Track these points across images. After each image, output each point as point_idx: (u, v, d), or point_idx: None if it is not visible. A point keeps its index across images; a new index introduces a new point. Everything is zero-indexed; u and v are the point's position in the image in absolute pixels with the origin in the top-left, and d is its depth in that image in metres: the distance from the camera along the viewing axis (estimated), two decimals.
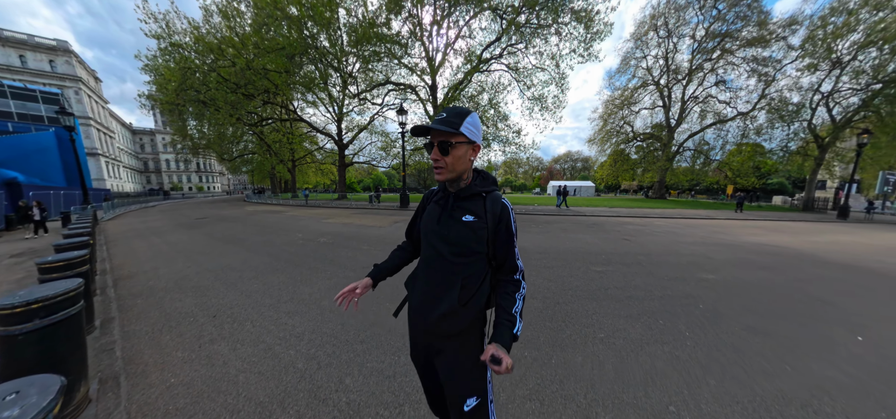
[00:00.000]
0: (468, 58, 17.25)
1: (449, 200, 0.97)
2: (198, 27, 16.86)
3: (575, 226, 9.58)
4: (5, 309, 1.41)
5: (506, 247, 0.95)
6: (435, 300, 0.94)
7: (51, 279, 2.39)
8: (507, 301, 0.94)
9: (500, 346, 0.84)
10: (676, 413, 1.69)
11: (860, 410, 1.74)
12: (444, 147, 0.88)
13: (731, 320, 2.91)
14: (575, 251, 5.88)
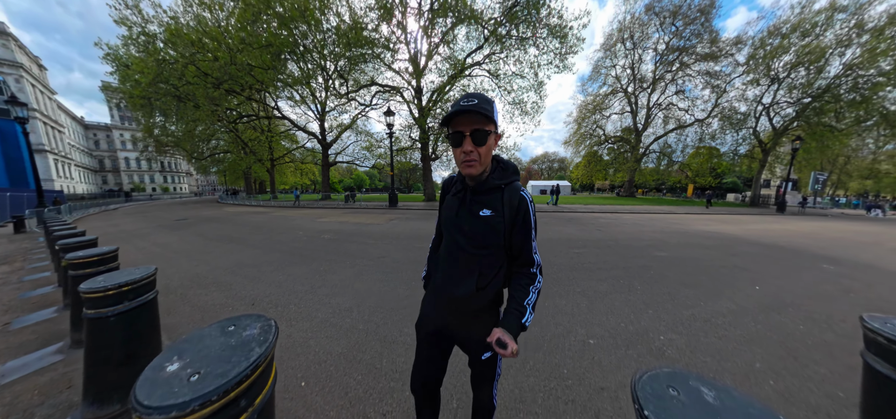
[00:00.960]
0: (452, 64, 17.95)
1: (467, 194, 0.96)
2: (176, 16, 16.24)
3: (555, 221, 10.51)
4: (97, 291, 1.46)
5: (523, 240, 0.95)
6: (454, 284, 0.98)
7: (86, 275, 2.30)
8: (520, 292, 0.96)
9: (506, 332, 0.88)
10: (626, 327, 2.56)
11: (741, 321, 2.74)
12: (481, 137, 0.83)
13: (671, 280, 3.87)
14: (558, 239, 6.77)
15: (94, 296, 1.46)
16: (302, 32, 15.67)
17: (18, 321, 3.03)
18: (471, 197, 0.95)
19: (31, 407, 1.71)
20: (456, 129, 0.85)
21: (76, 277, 2.30)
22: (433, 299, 1.08)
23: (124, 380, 1.55)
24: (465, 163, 0.87)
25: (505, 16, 16.20)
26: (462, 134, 0.84)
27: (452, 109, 0.82)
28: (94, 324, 1.48)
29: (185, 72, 15.13)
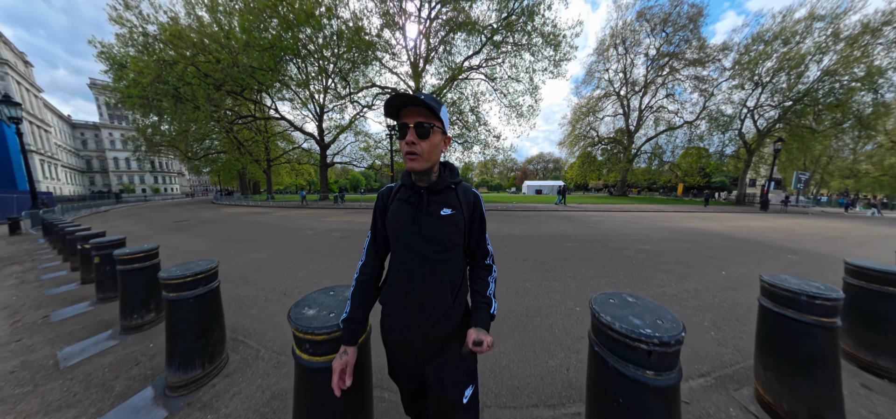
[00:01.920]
0: (448, 67, 18.40)
1: (423, 197, 0.90)
2: (176, 17, 16.26)
3: (550, 219, 10.94)
4: (177, 278, 1.74)
5: (480, 235, 0.96)
6: (424, 307, 0.89)
7: (134, 270, 2.59)
8: (482, 285, 0.95)
9: (480, 329, 0.87)
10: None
11: (702, 296, 3.31)
12: (424, 131, 0.82)
13: (649, 267, 4.40)
14: (552, 235, 7.24)
15: (174, 282, 1.75)
16: (307, 36, 15.86)
17: (56, 314, 3.26)
18: (428, 197, 0.89)
19: (108, 381, 2.01)
20: (401, 121, 0.84)
21: (125, 271, 2.59)
22: (401, 341, 0.95)
23: (203, 349, 1.88)
24: (408, 154, 0.83)
25: (501, 24, 16.75)
26: (406, 125, 0.82)
27: (395, 96, 0.80)
28: (176, 304, 1.78)
29: (185, 73, 15.19)
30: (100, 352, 2.37)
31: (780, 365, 1.49)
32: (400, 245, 0.91)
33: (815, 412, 1.38)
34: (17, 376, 2.12)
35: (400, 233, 0.91)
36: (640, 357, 0.94)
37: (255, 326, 2.76)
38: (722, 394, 1.72)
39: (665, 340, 0.90)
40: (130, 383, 1.95)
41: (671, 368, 0.94)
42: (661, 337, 0.90)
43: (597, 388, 1.10)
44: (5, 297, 4.09)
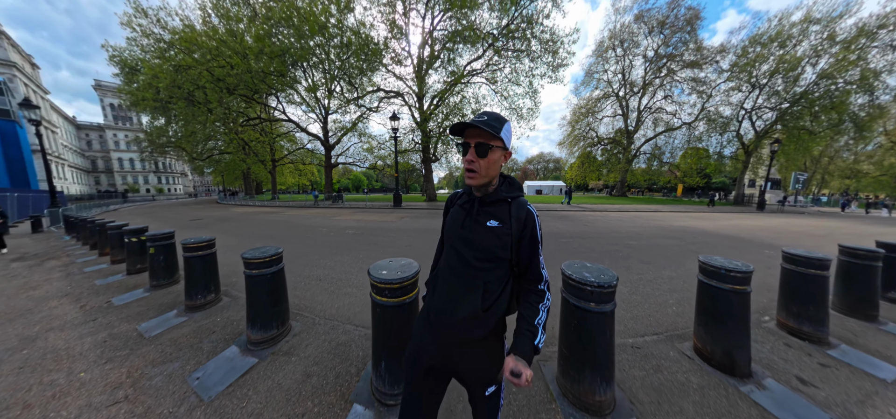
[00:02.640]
0: (452, 72, 18.96)
1: (474, 205, 0.96)
2: (191, 25, 16.93)
3: (549, 218, 11.43)
4: (256, 259, 2.27)
5: (529, 255, 0.94)
6: (456, 303, 0.92)
7: (196, 257, 3.15)
8: (530, 310, 0.93)
9: (520, 359, 0.84)
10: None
11: (673, 282, 3.78)
12: (483, 149, 0.86)
13: (633, 259, 4.93)
14: (548, 232, 7.73)
15: (256, 261, 2.29)
16: (318, 43, 16.56)
17: (118, 299, 3.77)
18: (478, 207, 0.95)
19: (194, 343, 2.52)
20: (464, 140, 0.90)
21: (190, 258, 3.12)
22: (429, 327, 0.98)
23: (276, 314, 2.43)
24: (468, 172, 0.90)
25: (502, 32, 17.45)
26: (467, 145, 0.89)
27: (461, 122, 0.88)
28: (256, 279, 2.32)
29: (200, 77, 15.85)
30: (175, 325, 2.89)
31: (707, 321, 2.01)
32: (449, 245, 1.01)
33: (727, 351, 1.90)
34: (112, 344, 2.63)
35: (451, 234, 1.00)
36: (585, 294, 1.48)
37: (304, 303, 3.34)
38: (668, 345, 2.25)
39: (601, 284, 1.44)
40: (214, 344, 2.47)
41: (607, 302, 1.48)
42: (599, 282, 1.44)
43: (563, 320, 1.66)
44: (61, 287, 4.60)
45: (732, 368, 1.90)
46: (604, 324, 1.54)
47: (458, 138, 0.94)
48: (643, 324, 2.73)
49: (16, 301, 3.97)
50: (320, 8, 16.07)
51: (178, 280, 4.18)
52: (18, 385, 2.10)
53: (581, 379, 1.59)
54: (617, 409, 1.63)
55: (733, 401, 1.75)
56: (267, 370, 2.10)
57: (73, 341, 2.72)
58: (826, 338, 2.36)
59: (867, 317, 2.87)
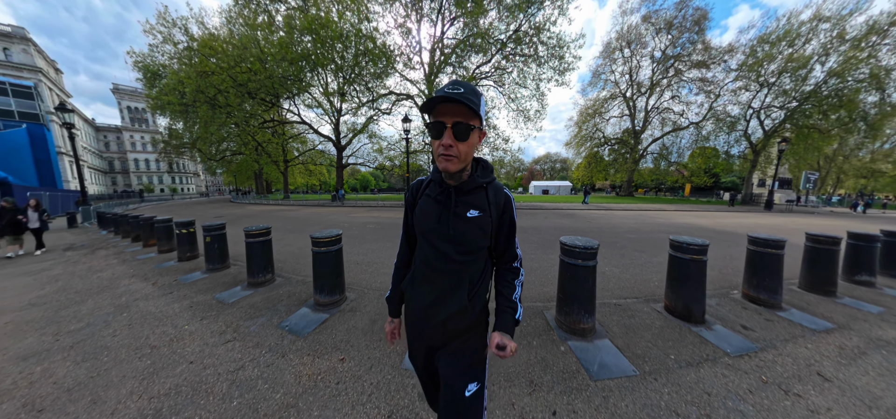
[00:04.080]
0: (460, 76, 19.64)
1: (451, 196, 0.87)
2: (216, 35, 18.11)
3: (554, 215, 11.96)
4: (325, 238, 2.92)
5: (508, 238, 0.94)
6: (441, 302, 0.90)
7: (256, 242, 3.79)
8: (508, 288, 0.93)
9: (504, 334, 0.86)
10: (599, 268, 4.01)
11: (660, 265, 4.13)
12: (463, 130, 0.75)
13: (629, 249, 5.51)
14: (553, 227, 8.40)
15: (323, 240, 2.94)
16: (336, 50, 17.52)
17: (183, 278, 4.43)
18: (456, 198, 0.87)
19: (271, 306, 3.18)
20: (437, 119, 0.76)
21: (251, 244, 3.77)
22: (418, 328, 0.98)
23: (337, 283, 3.09)
24: (443, 156, 0.78)
25: (510, 38, 18.13)
26: (443, 125, 0.75)
27: (436, 94, 0.75)
28: (322, 255, 2.98)
29: (223, 83, 16.85)
30: (246, 296, 3.52)
31: (673, 284, 2.59)
32: (425, 241, 0.92)
33: (686, 305, 2.47)
34: (198, 308, 3.27)
35: (425, 230, 0.91)
36: (575, 254, 2.08)
37: (351, 281, 3.99)
38: (644, 305, 2.85)
39: (585, 247, 2.05)
40: (287, 306, 3.12)
41: (590, 260, 2.11)
42: (584, 246, 2.02)
43: (560, 273, 2.28)
44: (124, 270, 5.30)
45: (689, 317, 2.49)
46: (587, 275, 2.17)
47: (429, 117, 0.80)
48: (627, 291, 3.32)
49: (90, 280, 4.67)
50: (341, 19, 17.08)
51: (230, 265, 4.86)
52: (136, 335, 2.74)
53: (571, 312, 2.23)
54: (596, 335, 2.24)
55: (682, 333, 2.33)
56: (339, 321, 2.75)
57: (163, 307, 3.38)
58: (779, 304, 2.88)
59: (827, 293, 3.35)
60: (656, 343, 2.20)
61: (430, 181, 0.96)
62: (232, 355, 2.27)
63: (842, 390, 1.81)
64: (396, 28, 18.52)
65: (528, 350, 2.16)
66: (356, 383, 1.90)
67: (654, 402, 1.65)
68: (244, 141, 24.36)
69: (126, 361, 2.27)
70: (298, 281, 4.04)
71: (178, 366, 2.16)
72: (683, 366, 1.96)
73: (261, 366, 2.11)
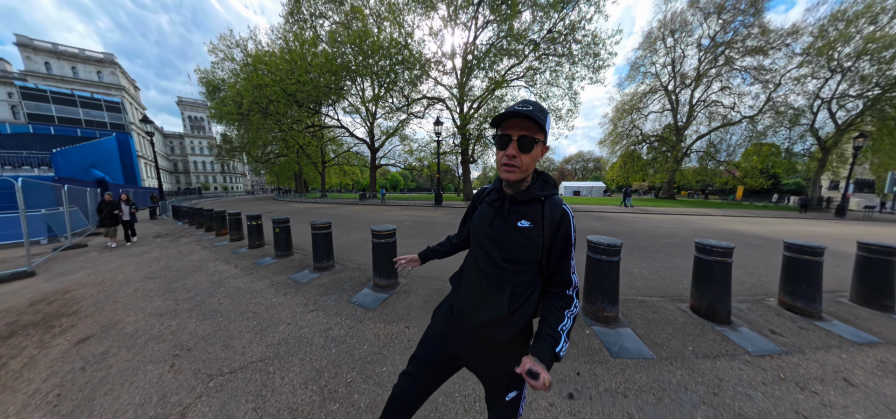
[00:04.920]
0: (491, 78, 19.80)
1: (505, 203, 0.90)
2: (270, 51, 20.48)
3: (584, 218, 11.83)
4: (384, 231, 3.47)
5: (561, 258, 0.89)
6: (482, 304, 0.90)
7: (321, 234, 4.49)
8: (554, 315, 0.88)
9: (538, 361, 0.79)
10: (627, 269, 4.25)
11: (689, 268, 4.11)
12: (527, 143, 0.79)
13: (661, 253, 5.50)
14: (582, 229, 8.42)
15: (382, 234, 3.53)
16: (375, 60, 18.86)
17: (258, 262, 5.27)
18: (509, 206, 0.89)
19: (336, 287, 3.81)
20: (504, 132, 0.81)
21: (316, 235, 4.45)
22: (452, 322, 0.98)
23: (392, 269, 3.60)
24: (506, 166, 0.82)
25: (544, 39, 18.14)
26: (509, 137, 0.80)
27: (507, 110, 0.79)
28: (380, 245, 3.53)
29: (274, 94, 18.87)
30: (314, 278, 4.21)
31: (698, 284, 2.77)
32: (475, 241, 0.97)
33: (710, 304, 2.64)
34: (278, 286, 3.98)
35: (477, 232, 0.96)
36: (600, 250, 2.40)
37: None
38: (669, 303, 3.04)
39: (610, 244, 2.35)
40: (353, 287, 3.73)
41: (614, 256, 2.40)
42: (609, 243, 2.34)
43: (587, 266, 2.58)
44: (207, 254, 6.30)
45: (713, 316, 2.65)
46: (610, 269, 2.48)
47: (496, 131, 0.84)
48: (654, 291, 3.50)
49: (184, 262, 5.68)
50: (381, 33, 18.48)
51: (294, 252, 5.67)
52: (236, 303, 3.47)
53: (595, 301, 2.54)
54: (619, 324, 2.53)
55: (704, 330, 2.52)
56: (397, 299, 3.32)
57: (249, 284, 4.14)
58: (818, 313, 2.88)
59: (882, 308, 3.08)
60: (676, 336, 2.42)
61: (491, 189, 1.01)
62: (319, 320, 2.88)
63: (866, 395, 1.77)
64: (430, 36, 19.23)
65: None
66: None
67: (666, 379, 1.92)
68: (288, 144, 26.74)
69: (237, 322, 2.95)
70: (354, 267, 4.67)
71: (279, 326, 2.79)
72: (700, 357, 2.16)
73: (345, 328, 2.69)
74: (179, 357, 2.34)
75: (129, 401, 1.83)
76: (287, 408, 1.74)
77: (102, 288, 4.18)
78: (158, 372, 2.15)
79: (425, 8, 19.08)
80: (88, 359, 2.34)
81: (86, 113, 33.83)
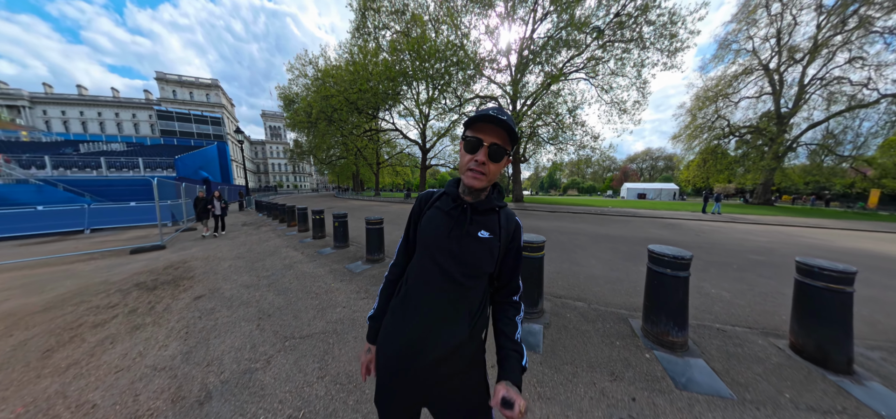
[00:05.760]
0: (547, 72, 18.67)
1: (466, 213, 0.83)
2: (338, 66, 23.07)
3: (650, 225, 10.50)
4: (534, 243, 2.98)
5: (514, 267, 0.89)
6: (438, 331, 0.78)
7: (374, 229, 4.88)
8: (510, 326, 0.86)
9: (511, 385, 0.75)
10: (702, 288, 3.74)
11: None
12: (498, 153, 0.76)
13: (751, 273, 4.62)
14: (647, 238, 7.51)
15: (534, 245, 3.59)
16: (431, 64, 19.57)
17: (320, 251, 5.92)
18: (471, 215, 0.83)
19: None
20: (476, 135, 0.76)
21: (370, 230, 4.83)
22: (400, 363, 0.81)
23: None
24: (473, 172, 0.77)
25: (609, 24, 16.42)
26: (480, 141, 0.75)
27: (480, 112, 0.75)
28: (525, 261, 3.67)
29: (338, 104, 20.98)
30: (367, 269, 4.64)
31: (801, 318, 2.24)
32: (427, 256, 0.84)
33: (820, 346, 2.12)
34: (336, 273, 4.44)
35: (430, 243, 0.85)
36: (665, 263, 2.12)
37: None
38: (760, 337, 2.53)
39: (677, 256, 2.07)
40: None
41: (681, 270, 2.09)
42: (676, 255, 2.07)
43: (648, 281, 2.32)
44: (281, 242, 7.23)
45: (825, 361, 2.09)
46: (677, 286, 2.16)
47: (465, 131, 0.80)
48: (738, 319, 2.93)
49: (263, 247, 6.65)
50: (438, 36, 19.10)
51: (350, 244, 6.26)
52: (302, 284, 4.02)
53: (658, 322, 2.26)
54: (688, 352, 2.20)
55: (811, 378, 2.00)
56: None
57: (313, 269, 4.69)
58: None
59: None
60: (768, 377, 2.00)
61: (442, 194, 0.92)
62: (370, 305, 3.16)
63: None
64: (486, 34, 18.94)
65: (611, 348, 2.30)
66: None
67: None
68: (348, 148, 29.41)
69: (303, 299, 3.47)
70: None
71: (336, 308, 3.20)
72: (802, 409, 1.74)
73: None
74: (263, 320, 2.94)
75: (231, 345, 2.48)
76: (344, 373, 2.08)
77: (208, 262, 5.39)
78: (249, 328, 2.76)
79: (483, 6, 18.82)
80: (202, 311, 3.19)
81: (197, 127, 42.65)
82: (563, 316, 2.89)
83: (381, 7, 21.14)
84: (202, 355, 2.33)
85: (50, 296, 3.72)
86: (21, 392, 1.92)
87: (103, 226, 10.40)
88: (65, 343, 2.55)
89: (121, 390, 1.91)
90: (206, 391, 1.90)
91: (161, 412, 1.73)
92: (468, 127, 0.79)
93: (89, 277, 4.55)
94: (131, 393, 1.89)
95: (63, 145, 24.50)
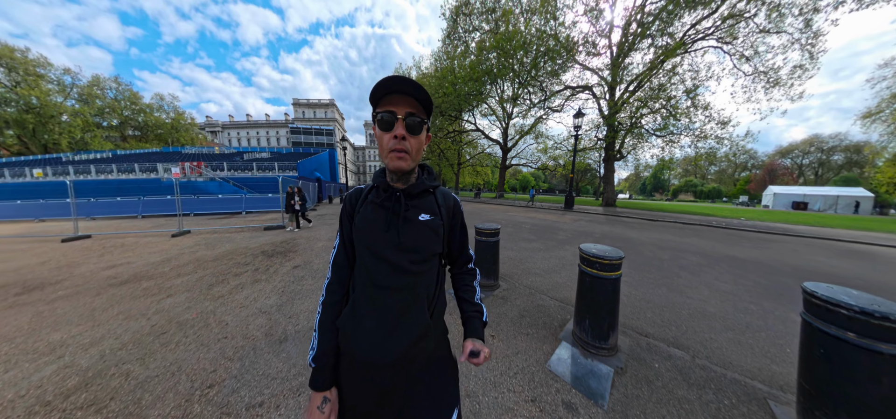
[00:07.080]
0: (662, 46, 15.28)
1: (400, 200, 0.79)
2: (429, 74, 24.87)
3: (817, 250, 7.36)
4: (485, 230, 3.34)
5: (462, 241, 0.93)
6: (399, 327, 0.74)
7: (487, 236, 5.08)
8: (469, 292, 0.92)
9: (476, 339, 0.83)
10: None
11: None
12: (415, 125, 0.72)
13: None
14: (813, 271, 5.70)
15: (484, 232, 3.43)
16: (517, 58, 18.76)
17: None
18: (406, 201, 0.80)
19: None
20: (386, 108, 0.71)
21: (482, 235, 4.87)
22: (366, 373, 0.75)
23: (493, 270, 3.56)
24: (396, 152, 0.72)
25: None
26: (394, 115, 0.71)
27: (382, 81, 0.69)
28: (483, 243, 3.45)
29: None
30: None
31: None
32: (370, 255, 0.78)
33: None
34: None
35: (371, 241, 0.78)
36: (840, 318, 1.26)
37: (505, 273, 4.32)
38: None
39: (865, 309, 1.17)
40: None
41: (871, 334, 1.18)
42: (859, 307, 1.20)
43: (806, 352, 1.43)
44: None
45: None
46: (863, 360, 1.20)
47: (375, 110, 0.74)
48: None
49: None
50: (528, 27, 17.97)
51: None
52: None
53: None
54: None
55: None
56: (491, 304, 3.15)
57: None
58: None
59: None
60: None
61: (372, 188, 0.85)
62: None
63: None
64: (585, 14, 17.07)
65: None
66: (505, 359, 2.15)
67: None
68: (430, 149, 31.06)
69: None
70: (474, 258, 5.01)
71: None
72: None
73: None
74: None
75: (309, 307, 3.07)
76: None
77: (308, 241, 6.63)
78: None
79: None
80: (296, 277, 4.03)
81: (316, 138, 52.93)
82: (647, 364, 2.09)
83: (473, 10, 21.27)
84: (289, 309, 3.00)
85: (218, 252, 5.55)
86: (196, 305, 3.11)
87: (253, 210, 13.99)
88: (219, 282, 3.84)
89: (242, 319, 2.80)
90: (286, 335, 2.52)
91: (258, 339, 2.44)
92: (376, 104, 0.74)
93: (238, 243, 6.45)
94: (246, 322, 2.74)
95: (235, 156, 34.01)
